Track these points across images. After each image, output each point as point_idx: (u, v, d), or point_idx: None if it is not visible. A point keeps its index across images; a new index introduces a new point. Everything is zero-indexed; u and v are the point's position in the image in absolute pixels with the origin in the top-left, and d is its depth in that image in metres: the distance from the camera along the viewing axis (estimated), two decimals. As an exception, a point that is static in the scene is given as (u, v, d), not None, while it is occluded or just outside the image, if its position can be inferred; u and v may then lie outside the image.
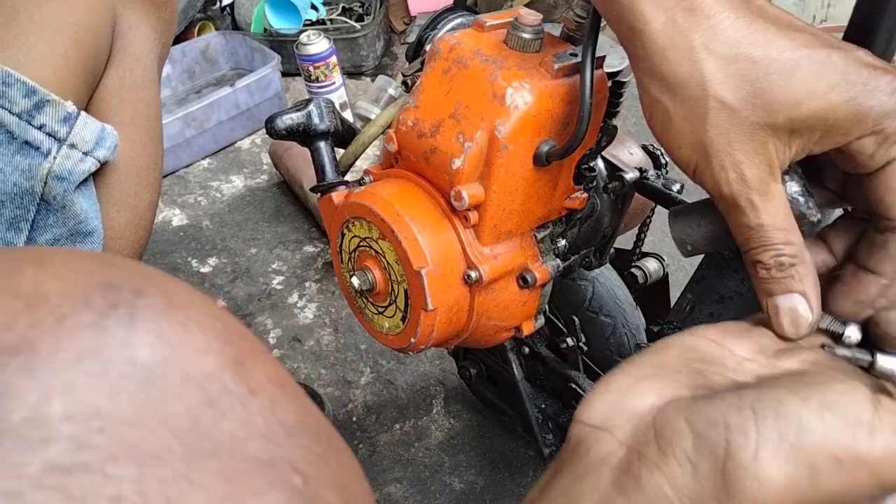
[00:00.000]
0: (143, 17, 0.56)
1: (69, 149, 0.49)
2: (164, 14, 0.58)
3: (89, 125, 0.50)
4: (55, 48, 0.48)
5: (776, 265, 0.35)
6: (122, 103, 0.55)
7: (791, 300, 0.35)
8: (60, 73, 0.49)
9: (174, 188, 1.38)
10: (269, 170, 1.41)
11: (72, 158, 0.49)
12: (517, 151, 0.45)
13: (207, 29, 1.70)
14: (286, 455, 0.18)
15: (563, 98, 0.45)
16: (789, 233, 0.35)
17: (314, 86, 1.43)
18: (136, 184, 0.56)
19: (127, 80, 0.55)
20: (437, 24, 0.57)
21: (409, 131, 0.48)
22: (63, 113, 0.48)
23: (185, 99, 1.58)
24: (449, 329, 0.50)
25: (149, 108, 0.57)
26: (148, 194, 0.58)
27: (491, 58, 0.45)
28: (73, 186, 0.50)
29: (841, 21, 1.42)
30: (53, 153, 0.48)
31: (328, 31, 1.62)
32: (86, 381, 0.16)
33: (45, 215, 0.50)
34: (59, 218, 0.50)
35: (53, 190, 0.49)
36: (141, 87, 0.56)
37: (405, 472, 0.87)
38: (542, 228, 0.52)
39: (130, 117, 0.55)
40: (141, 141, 0.56)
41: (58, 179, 0.49)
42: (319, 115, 0.57)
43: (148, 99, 0.57)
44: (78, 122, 0.49)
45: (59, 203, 0.50)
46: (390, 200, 0.48)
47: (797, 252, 0.35)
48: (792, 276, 0.35)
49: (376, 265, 0.50)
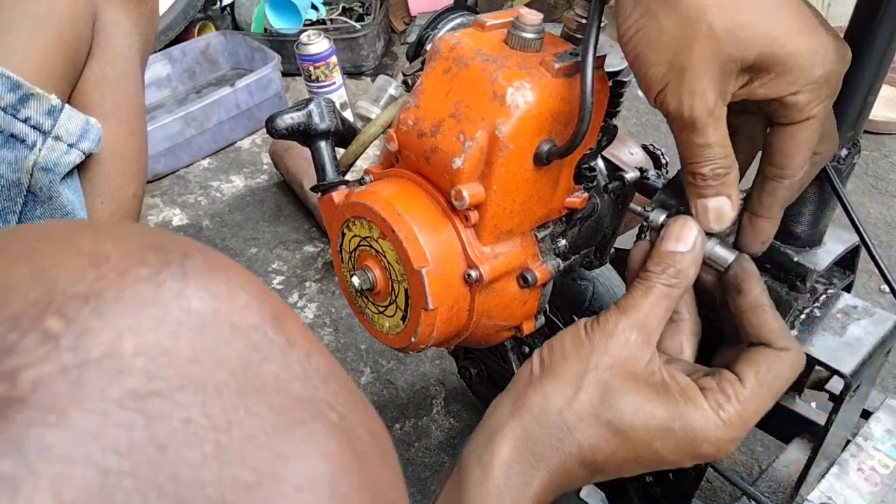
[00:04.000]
0: (123, 13, 0.57)
1: (54, 141, 0.50)
2: (145, 10, 0.59)
3: (73, 118, 0.51)
4: (36, 41, 0.49)
5: (712, 175, 0.42)
6: (103, 96, 0.55)
7: (720, 201, 0.43)
8: (41, 66, 0.49)
9: (174, 188, 1.38)
10: (269, 170, 1.40)
11: (57, 150, 0.50)
12: (518, 151, 0.45)
13: (207, 29, 1.70)
14: (323, 396, 0.21)
15: (563, 97, 0.45)
16: (726, 149, 0.41)
17: (314, 86, 1.43)
18: (119, 175, 0.57)
19: (108, 73, 0.56)
20: (437, 24, 0.57)
21: (409, 131, 0.48)
22: (48, 106, 0.49)
23: (185, 99, 1.58)
24: (449, 328, 0.50)
25: (130, 102, 0.57)
26: (132, 186, 0.58)
27: (491, 57, 0.45)
28: (59, 178, 0.51)
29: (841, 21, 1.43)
30: (39, 145, 0.49)
31: (328, 30, 1.62)
32: (150, 324, 0.18)
33: (32, 207, 0.51)
34: (46, 209, 0.51)
35: (40, 181, 0.50)
36: (122, 80, 0.57)
37: (405, 472, 0.87)
38: (542, 228, 0.52)
39: (112, 110, 0.56)
40: (123, 133, 0.57)
41: (43, 171, 0.50)
42: (320, 115, 0.57)
43: (129, 92, 0.57)
44: (62, 115, 0.50)
45: (45, 194, 0.51)
46: (391, 200, 0.48)
47: (731, 164, 0.42)
48: (723, 184, 0.42)
49: (377, 265, 0.50)
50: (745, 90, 0.39)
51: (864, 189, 1.22)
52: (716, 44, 0.37)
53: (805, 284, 0.50)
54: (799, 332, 0.53)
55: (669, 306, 0.43)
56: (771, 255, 0.52)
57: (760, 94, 0.39)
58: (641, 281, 0.43)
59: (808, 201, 0.51)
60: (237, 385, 0.19)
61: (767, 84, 0.39)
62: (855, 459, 0.57)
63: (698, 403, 0.41)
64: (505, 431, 0.42)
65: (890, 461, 0.57)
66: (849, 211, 0.50)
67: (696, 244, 0.43)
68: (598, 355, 0.42)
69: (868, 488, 0.55)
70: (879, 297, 1.01)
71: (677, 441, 0.41)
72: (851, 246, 0.55)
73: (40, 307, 0.18)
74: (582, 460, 0.42)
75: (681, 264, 0.43)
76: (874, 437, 0.59)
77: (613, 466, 0.43)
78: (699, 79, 0.38)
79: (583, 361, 0.43)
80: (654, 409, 0.41)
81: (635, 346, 0.42)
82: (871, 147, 1.30)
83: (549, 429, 0.42)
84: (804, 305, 0.54)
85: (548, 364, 0.44)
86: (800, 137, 0.40)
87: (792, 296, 0.50)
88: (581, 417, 0.42)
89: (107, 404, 0.17)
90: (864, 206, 1.18)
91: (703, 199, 0.43)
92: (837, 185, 0.49)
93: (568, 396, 0.42)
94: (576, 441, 0.42)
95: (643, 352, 0.42)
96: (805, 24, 0.38)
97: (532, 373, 0.44)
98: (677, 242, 0.43)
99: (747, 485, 0.55)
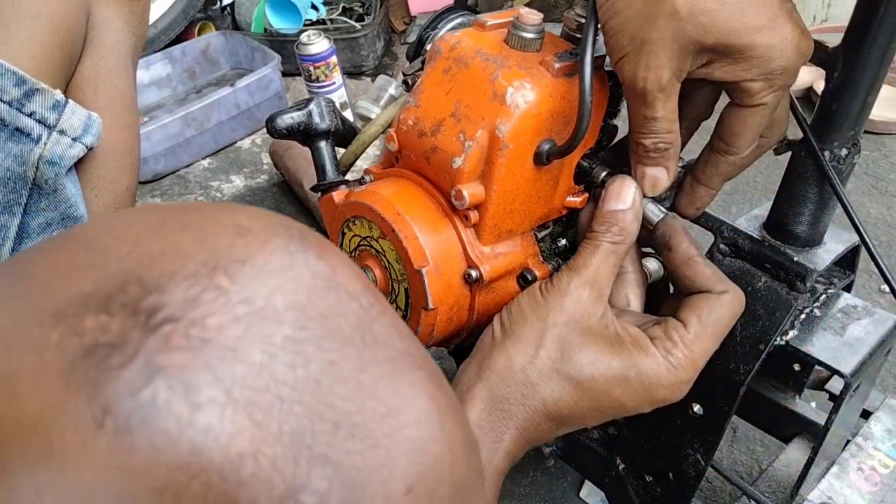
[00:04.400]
0: (115, 10, 0.58)
1: (59, 135, 0.51)
2: (136, 7, 0.60)
3: (77, 112, 0.52)
4: (33, 36, 0.50)
5: (654, 149, 0.44)
6: (97, 91, 0.56)
7: (657, 171, 0.46)
8: (39, 60, 0.50)
9: (174, 188, 1.38)
10: (269, 170, 1.40)
11: (62, 144, 0.51)
12: (518, 150, 0.45)
13: (207, 29, 1.70)
14: (415, 351, 0.25)
15: (563, 97, 0.45)
16: (672, 124, 0.43)
17: (314, 86, 1.43)
18: (113, 168, 0.58)
19: (101, 69, 0.57)
20: (437, 24, 0.57)
21: (409, 130, 0.48)
22: (52, 101, 0.50)
23: (185, 99, 1.58)
24: (449, 328, 0.50)
25: (123, 97, 0.59)
26: (126, 179, 0.59)
27: (492, 57, 0.45)
28: (64, 171, 0.52)
29: (841, 21, 1.43)
30: (44, 139, 0.50)
31: (328, 30, 1.62)
32: (292, 285, 0.22)
33: (37, 199, 0.52)
34: (50, 202, 0.52)
35: (45, 174, 0.51)
36: (115, 75, 0.58)
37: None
38: (542, 228, 0.52)
39: (106, 105, 0.56)
40: (117, 127, 0.58)
41: (49, 164, 0.51)
42: (320, 115, 0.57)
43: (122, 88, 0.59)
44: (66, 110, 0.51)
45: (50, 187, 0.51)
46: (391, 199, 0.48)
47: (674, 140, 0.44)
48: (663, 156, 0.45)
49: (377, 264, 0.50)
50: (704, 70, 0.41)
51: (864, 189, 1.22)
52: (676, 24, 0.38)
53: (805, 284, 0.50)
54: (799, 331, 0.53)
55: (616, 262, 0.46)
56: (771, 254, 0.52)
57: (717, 76, 0.41)
58: (588, 240, 0.46)
59: (808, 201, 0.51)
60: (360, 338, 0.23)
61: (725, 68, 0.41)
62: (855, 459, 0.57)
63: (650, 352, 0.44)
64: (473, 394, 0.45)
65: (890, 461, 0.57)
66: (849, 211, 0.50)
67: (635, 201, 0.46)
68: (554, 314, 0.45)
69: (868, 488, 0.55)
70: (879, 297, 1.01)
71: (633, 389, 0.44)
72: (851, 246, 0.55)
73: (210, 267, 0.21)
74: (547, 414, 0.45)
75: (623, 222, 0.46)
76: (874, 437, 0.59)
77: (577, 417, 0.45)
78: (656, 54, 0.40)
79: (541, 321, 0.45)
80: (609, 361, 0.44)
81: (588, 302, 0.45)
82: (871, 147, 1.30)
83: (514, 387, 0.45)
84: (804, 305, 0.54)
85: (508, 327, 0.47)
86: (749, 121, 0.43)
87: (792, 296, 0.50)
88: (543, 373, 0.44)
89: (273, 347, 0.21)
90: (864, 206, 1.18)
91: (642, 167, 0.46)
92: (837, 185, 0.49)
93: (529, 355, 0.45)
94: (539, 396, 0.44)
95: (596, 307, 0.45)
96: (769, 19, 0.39)
97: (494, 337, 0.47)
98: (617, 201, 0.46)
99: (747, 485, 0.55)
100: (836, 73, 0.47)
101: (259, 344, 0.20)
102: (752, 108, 0.42)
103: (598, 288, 0.45)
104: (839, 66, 0.46)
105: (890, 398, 0.63)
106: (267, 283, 0.22)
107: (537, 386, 0.44)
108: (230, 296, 0.21)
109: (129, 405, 0.19)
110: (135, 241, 0.22)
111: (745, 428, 0.85)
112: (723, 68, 0.41)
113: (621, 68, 0.42)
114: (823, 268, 0.51)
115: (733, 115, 0.44)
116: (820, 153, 0.49)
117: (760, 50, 0.39)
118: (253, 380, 0.20)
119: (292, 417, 0.20)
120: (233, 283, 0.21)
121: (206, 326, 0.20)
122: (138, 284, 0.21)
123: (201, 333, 0.20)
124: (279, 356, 0.21)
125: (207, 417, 0.19)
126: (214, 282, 0.21)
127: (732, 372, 0.50)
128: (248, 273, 0.22)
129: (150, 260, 0.21)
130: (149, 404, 0.19)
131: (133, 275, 0.21)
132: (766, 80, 0.40)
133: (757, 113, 0.42)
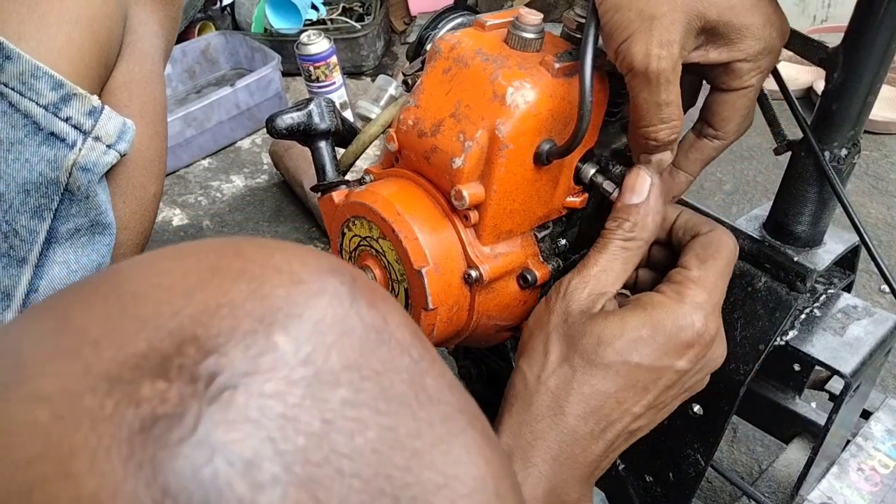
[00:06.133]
0: (152, 14, 0.57)
1: (94, 141, 0.50)
2: (171, 11, 0.59)
3: (113, 119, 0.51)
4: (72, 40, 0.49)
5: (668, 141, 0.43)
6: (131, 97, 0.56)
7: (664, 155, 0.44)
8: (77, 64, 0.49)
9: (174, 188, 1.38)
10: (269, 170, 1.40)
11: (96, 150, 0.51)
12: (518, 151, 0.45)
13: (208, 29, 1.70)
14: (465, 405, 0.24)
15: (563, 97, 0.45)
16: (680, 109, 0.42)
17: (314, 86, 1.43)
18: (142, 175, 0.57)
19: (136, 74, 0.56)
20: (437, 24, 0.57)
21: (409, 130, 0.48)
22: (89, 107, 0.49)
23: (185, 99, 1.58)
24: (449, 328, 0.50)
25: (155, 103, 0.58)
26: (153, 186, 0.59)
27: (492, 57, 0.45)
28: (98, 178, 0.51)
29: (841, 21, 1.42)
30: (79, 145, 0.49)
31: (328, 30, 1.62)
32: (347, 341, 0.22)
33: (67, 205, 0.51)
34: (81, 208, 0.51)
35: (78, 180, 0.50)
36: (149, 81, 0.57)
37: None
38: (542, 228, 0.52)
39: (139, 111, 0.56)
40: (148, 134, 0.57)
41: (83, 171, 0.50)
42: (320, 115, 0.56)
43: (155, 94, 0.58)
44: (102, 116, 0.50)
45: (82, 193, 0.51)
46: (391, 200, 0.48)
47: (680, 126, 0.43)
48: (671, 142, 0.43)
49: (376, 264, 0.50)
50: (699, 53, 0.41)
51: (864, 189, 1.22)
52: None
53: (805, 284, 0.50)
54: (799, 332, 0.53)
55: (628, 259, 0.45)
56: (771, 255, 0.52)
57: (712, 58, 0.41)
58: (599, 238, 0.46)
59: (808, 201, 0.51)
60: (415, 397, 0.22)
61: (721, 48, 0.41)
62: (855, 459, 0.57)
63: (657, 303, 0.43)
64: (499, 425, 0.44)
65: (890, 461, 0.57)
66: (849, 211, 0.50)
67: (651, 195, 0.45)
68: (555, 317, 0.45)
69: (868, 488, 0.55)
70: (879, 297, 1.01)
71: (653, 345, 0.42)
72: (851, 246, 0.55)
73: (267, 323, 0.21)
74: (577, 416, 0.42)
75: (636, 216, 0.44)
76: (874, 437, 0.59)
77: (612, 404, 0.42)
78: (668, 29, 0.38)
79: (543, 328, 0.45)
80: (613, 331, 0.42)
81: (587, 300, 0.44)
82: (871, 147, 1.30)
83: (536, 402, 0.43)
84: (804, 305, 0.54)
85: (521, 348, 0.47)
86: (739, 104, 0.43)
87: (792, 296, 0.50)
88: (558, 375, 0.43)
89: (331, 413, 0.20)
90: (864, 206, 1.18)
91: (647, 155, 0.45)
92: (837, 185, 0.49)
93: (540, 363, 0.44)
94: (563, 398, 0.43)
95: (596, 304, 0.44)
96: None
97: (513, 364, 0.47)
98: (632, 194, 0.45)
99: (747, 485, 0.55)
100: (836, 73, 0.47)
101: (317, 411, 0.20)
102: (741, 90, 0.42)
103: (602, 286, 0.44)
104: (839, 66, 0.46)
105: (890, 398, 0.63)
106: (323, 342, 0.21)
107: (557, 391, 0.43)
108: (287, 358, 0.20)
109: (190, 487, 0.18)
110: (187, 292, 0.21)
111: (745, 428, 0.85)
112: (718, 49, 0.41)
113: (628, 49, 0.39)
114: (823, 268, 0.51)
115: (720, 99, 0.43)
116: (820, 153, 0.49)
117: (753, 29, 0.39)
118: (313, 452, 0.19)
119: (353, 494, 0.19)
120: (289, 340, 0.21)
121: (264, 394, 0.20)
122: (195, 345, 0.20)
123: (260, 402, 0.19)
124: (337, 423, 0.20)
125: (269, 499, 0.18)
126: (272, 340, 0.20)
127: (732, 372, 0.50)
128: (305, 329, 0.21)
129: (206, 316, 0.21)
130: (210, 485, 0.18)
131: (189, 333, 0.20)
132: (755, 60, 0.41)
133: (745, 95, 0.43)
